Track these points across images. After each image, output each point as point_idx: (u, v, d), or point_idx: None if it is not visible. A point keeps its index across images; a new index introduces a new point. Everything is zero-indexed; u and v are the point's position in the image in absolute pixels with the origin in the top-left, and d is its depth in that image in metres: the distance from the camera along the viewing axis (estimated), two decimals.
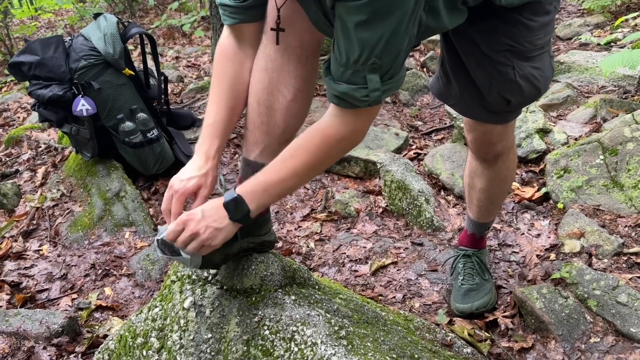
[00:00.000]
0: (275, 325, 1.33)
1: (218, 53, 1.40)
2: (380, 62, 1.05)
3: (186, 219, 1.22)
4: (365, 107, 1.12)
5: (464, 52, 1.41)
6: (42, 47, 2.46)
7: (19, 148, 3.58)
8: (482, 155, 1.68)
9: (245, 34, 1.36)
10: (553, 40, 4.69)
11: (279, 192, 1.30)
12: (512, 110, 1.52)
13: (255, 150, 1.42)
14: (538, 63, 1.40)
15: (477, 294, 1.84)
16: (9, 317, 1.95)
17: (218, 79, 1.39)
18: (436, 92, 1.61)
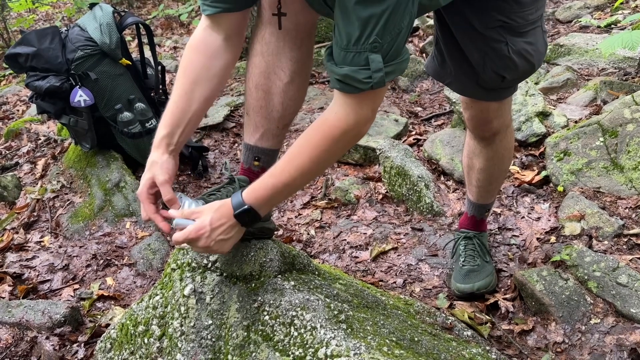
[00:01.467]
0: (275, 310, 1.34)
1: (188, 44, 1.35)
2: (382, 41, 1.04)
3: (195, 236, 1.20)
4: (368, 89, 1.09)
5: (457, 30, 1.41)
6: (39, 38, 2.44)
7: (18, 141, 3.58)
8: (480, 133, 1.69)
9: (224, 25, 1.32)
10: (553, 23, 4.66)
11: (288, 192, 1.31)
12: (506, 87, 1.52)
13: (255, 134, 1.42)
14: (531, 38, 1.40)
15: (478, 274, 1.85)
16: (12, 308, 1.95)
17: (182, 70, 1.34)
18: (432, 72, 1.61)
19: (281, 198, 1.30)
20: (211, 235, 1.21)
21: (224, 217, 1.21)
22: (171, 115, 1.31)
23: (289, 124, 1.47)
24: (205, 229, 1.20)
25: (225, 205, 1.22)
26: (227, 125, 3.36)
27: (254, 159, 1.45)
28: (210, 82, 1.33)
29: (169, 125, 1.30)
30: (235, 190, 1.42)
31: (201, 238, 1.21)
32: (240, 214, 1.21)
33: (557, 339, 1.64)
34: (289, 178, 1.20)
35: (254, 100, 1.39)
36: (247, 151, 1.45)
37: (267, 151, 1.45)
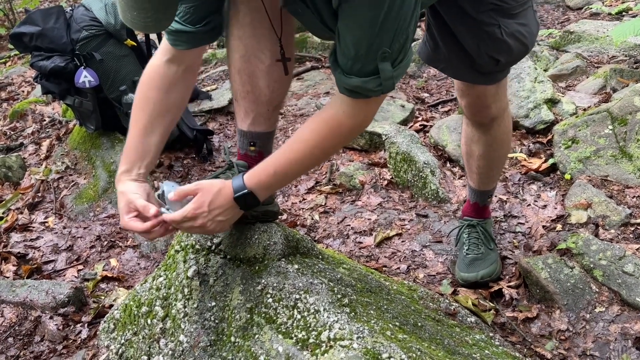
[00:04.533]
0: (279, 293, 1.33)
1: (143, 80, 1.34)
2: (391, 50, 1.03)
3: (192, 215, 1.20)
4: (378, 95, 1.11)
5: (448, 16, 1.39)
6: (43, 18, 2.43)
7: (23, 122, 3.58)
8: (478, 119, 1.67)
9: (187, 58, 1.31)
10: (563, 10, 4.60)
11: (288, 180, 1.33)
12: (501, 70, 1.51)
13: (247, 120, 1.41)
14: (523, 19, 1.39)
15: (482, 263, 1.84)
16: (16, 288, 1.96)
17: (139, 105, 1.33)
18: (424, 57, 1.58)
19: (281, 184, 1.31)
20: (208, 216, 1.20)
21: (224, 199, 1.21)
22: (130, 150, 1.32)
23: (280, 105, 1.46)
24: (203, 208, 1.19)
25: (226, 187, 1.21)
26: (232, 108, 3.34)
27: (250, 144, 1.44)
28: (168, 114, 1.34)
29: (127, 162, 1.31)
30: (234, 175, 1.42)
31: (198, 217, 1.20)
32: (240, 197, 1.21)
33: (561, 327, 1.63)
34: (290, 166, 1.21)
35: (239, 85, 1.38)
36: (242, 137, 1.45)
37: (261, 135, 1.44)
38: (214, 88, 3.66)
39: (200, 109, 3.31)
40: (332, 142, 1.19)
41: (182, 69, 1.31)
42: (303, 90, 3.74)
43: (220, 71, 3.91)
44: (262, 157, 1.46)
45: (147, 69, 1.35)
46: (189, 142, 2.83)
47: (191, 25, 1.25)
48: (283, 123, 3.23)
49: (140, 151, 1.32)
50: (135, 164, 1.31)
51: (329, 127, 1.17)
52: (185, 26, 1.25)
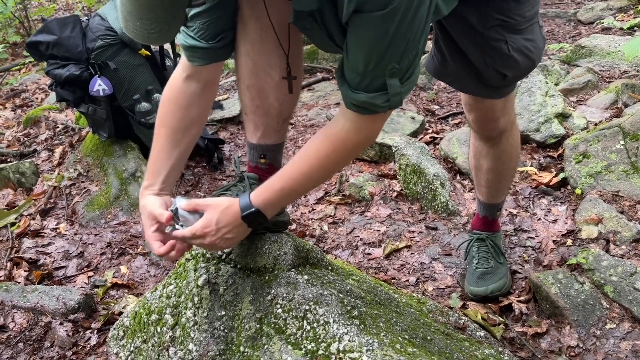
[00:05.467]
0: (288, 303, 1.34)
1: (165, 97, 1.36)
2: (400, 66, 1.03)
3: (202, 232, 1.22)
4: (385, 111, 1.11)
5: (455, 32, 1.39)
6: (60, 27, 2.46)
7: (37, 128, 3.62)
8: (486, 133, 1.67)
9: (204, 74, 1.34)
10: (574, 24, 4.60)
11: (295, 196, 1.36)
12: (508, 84, 1.51)
13: (257, 133, 1.43)
14: (529, 34, 1.39)
15: (492, 277, 1.83)
16: (27, 293, 1.98)
17: (161, 122, 1.36)
18: (432, 70, 1.58)
19: (289, 201, 1.32)
20: (217, 234, 1.22)
21: (231, 218, 1.22)
22: (152, 166, 1.36)
23: (289, 117, 1.48)
24: (211, 227, 1.21)
25: (233, 206, 1.23)
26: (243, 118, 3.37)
27: (260, 156, 1.46)
28: (188, 130, 1.37)
29: (150, 177, 1.35)
30: (245, 188, 1.44)
31: (207, 236, 1.22)
32: (247, 216, 1.22)
33: (571, 343, 1.62)
34: (296, 183, 1.22)
35: (249, 100, 1.39)
36: (252, 150, 1.47)
37: (271, 147, 1.46)
38: (225, 97, 3.69)
39: (212, 118, 3.34)
40: (338, 157, 1.20)
41: (200, 85, 1.33)
42: (313, 101, 3.76)
43: (232, 81, 3.93)
44: (272, 168, 1.49)
45: (167, 86, 1.37)
46: (200, 150, 2.86)
47: (205, 41, 1.27)
48: (293, 133, 3.24)
49: (162, 166, 1.35)
50: (157, 179, 1.34)
51: (335, 142, 1.17)
52: (200, 42, 1.27)
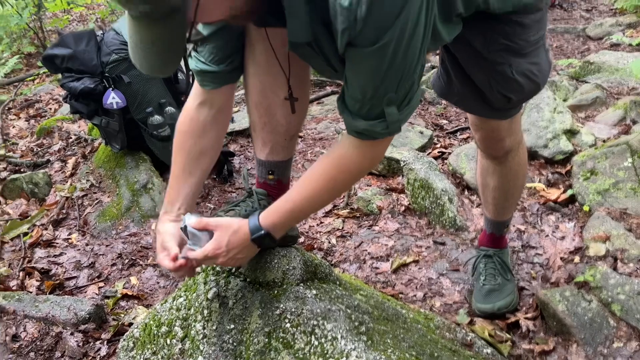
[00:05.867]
0: (297, 318, 1.35)
1: (182, 122, 1.40)
2: (397, 95, 1.05)
3: (213, 255, 1.25)
4: (385, 137, 1.14)
5: (460, 54, 1.40)
6: (75, 41, 2.52)
7: (50, 138, 3.67)
8: (492, 153, 1.68)
9: (217, 101, 1.37)
10: (583, 39, 4.62)
11: (302, 217, 1.45)
12: (513, 107, 1.51)
13: (265, 149, 1.46)
14: (535, 58, 1.39)
15: (499, 294, 1.84)
16: (39, 303, 2.00)
17: (177, 150, 1.40)
18: (438, 91, 1.60)
19: (296, 222, 1.37)
20: (227, 255, 1.26)
21: (241, 240, 1.26)
22: (169, 192, 1.40)
23: (296, 134, 1.51)
24: (222, 249, 1.25)
25: (243, 228, 1.26)
26: None
27: (268, 172, 1.49)
28: (203, 157, 1.40)
29: (167, 204, 1.40)
30: (253, 204, 1.47)
31: (218, 257, 1.26)
32: (256, 238, 1.25)
33: None
34: (303, 206, 1.25)
35: (257, 118, 1.42)
36: (260, 166, 1.50)
37: (279, 163, 1.49)
38: (235, 110, 3.74)
39: None
40: (342, 180, 1.23)
41: (213, 111, 1.37)
42: (323, 114, 3.80)
43: (242, 94, 3.98)
44: (281, 184, 1.52)
45: (181, 114, 1.41)
46: None
47: (215, 65, 1.30)
48: (302, 146, 3.27)
49: (179, 194, 1.39)
50: (174, 205, 1.38)
51: (339, 166, 1.20)
52: (209, 66, 1.30)
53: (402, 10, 0.92)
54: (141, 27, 0.93)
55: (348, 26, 0.93)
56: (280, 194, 1.54)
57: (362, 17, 0.91)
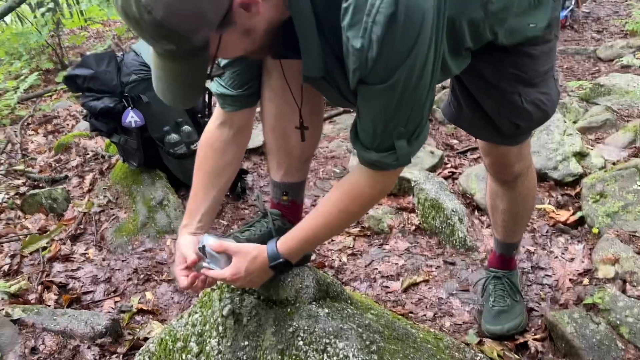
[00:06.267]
0: (309, 336, 1.39)
1: (201, 142, 1.47)
2: (406, 129, 1.10)
3: (231, 279, 1.32)
4: (396, 168, 1.19)
5: (469, 83, 1.44)
6: (97, 62, 2.60)
7: (67, 154, 3.76)
8: (502, 177, 1.71)
9: (237, 121, 1.43)
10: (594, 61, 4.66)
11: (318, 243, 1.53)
12: (522, 133, 1.55)
13: (279, 172, 1.53)
14: (544, 88, 1.43)
15: (508, 315, 1.86)
16: (57, 317, 2.05)
17: (198, 167, 1.46)
18: (448, 116, 1.64)
19: (312, 248, 1.42)
20: (245, 279, 1.32)
21: (259, 266, 1.31)
22: (189, 207, 1.46)
23: (310, 157, 1.57)
24: (240, 274, 1.30)
25: (261, 255, 1.31)
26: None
27: (282, 194, 1.55)
28: (223, 174, 1.47)
29: (187, 217, 1.46)
30: (268, 224, 1.53)
31: (237, 281, 1.33)
32: (276, 265, 1.31)
33: None
34: (318, 233, 1.31)
35: (273, 141, 1.49)
36: (275, 188, 1.56)
37: (293, 185, 1.55)
38: None
39: None
40: (354, 209, 1.28)
41: (233, 131, 1.43)
42: (335, 133, 3.85)
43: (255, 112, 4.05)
44: (295, 205, 1.58)
45: (204, 133, 1.47)
46: None
47: (234, 90, 1.37)
48: (314, 165, 3.33)
49: (198, 208, 1.44)
50: (193, 220, 1.44)
51: (351, 196, 1.25)
52: (230, 90, 1.37)
53: (411, 51, 0.97)
54: (165, 63, 0.99)
55: (359, 66, 0.98)
56: (294, 214, 1.60)
57: (373, 58, 0.95)
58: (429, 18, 0.96)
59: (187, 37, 0.92)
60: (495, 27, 1.21)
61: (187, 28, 0.91)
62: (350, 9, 0.94)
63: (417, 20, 0.94)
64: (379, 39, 0.93)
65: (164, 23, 0.89)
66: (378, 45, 0.94)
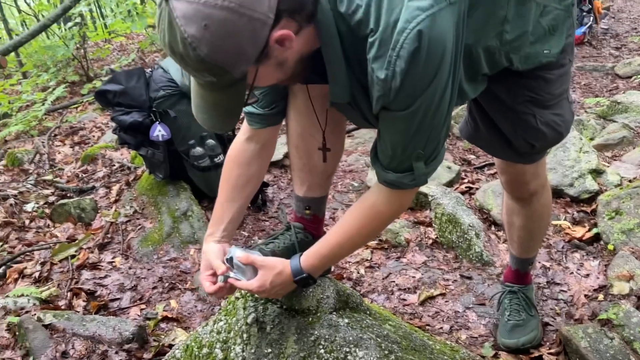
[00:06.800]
0: (330, 345, 1.45)
1: (228, 155, 1.56)
2: (424, 152, 1.17)
3: (256, 291, 1.40)
4: (412, 188, 1.26)
5: (486, 105, 1.50)
6: (126, 78, 2.72)
7: (94, 165, 3.88)
8: (518, 195, 1.76)
9: (262, 137, 1.52)
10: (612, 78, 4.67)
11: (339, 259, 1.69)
12: (538, 152, 1.60)
13: (303, 187, 1.62)
14: (558, 110, 1.48)
15: (523, 329, 1.90)
16: (86, 322, 2.14)
17: (225, 178, 1.55)
18: (465, 136, 1.70)
19: (333, 263, 1.51)
20: (270, 291, 1.40)
21: (283, 281, 1.39)
22: (215, 216, 1.54)
23: (332, 174, 1.67)
24: (265, 287, 1.38)
25: (285, 270, 1.38)
26: (286, 162, 3.54)
27: (305, 208, 1.64)
28: (247, 185, 1.55)
29: (212, 226, 1.53)
30: (291, 237, 1.62)
31: (261, 293, 1.41)
32: (299, 280, 1.39)
33: None
34: (338, 250, 1.39)
35: (297, 159, 1.59)
36: (298, 202, 1.65)
37: (316, 199, 1.64)
38: None
39: None
40: (372, 227, 1.35)
41: (258, 146, 1.52)
42: (353, 147, 3.92)
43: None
44: (317, 218, 1.66)
45: (231, 147, 1.56)
46: None
47: (262, 109, 1.46)
48: (333, 178, 3.39)
49: (223, 217, 1.52)
50: (218, 228, 1.51)
51: (369, 214, 1.33)
52: (257, 109, 1.46)
53: (431, 83, 1.04)
54: (206, 92, 1.08)
55: (383, 94, 1.06)
56: (316, 227, 1.68)
57: (396, 88, 1.03)
58: (449, 53, 1.03)
59: (227, 71, 1.00)
60: (510, 54, 1.27)
61: (228, 63, 0.99)
62: (377, 43, 1.02)
63: (438, 55, 1.01)
64: (402, 71, 1.01)
65: (207, 59, 0.97)
66: (401, 77, 1.01)
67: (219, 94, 1.07)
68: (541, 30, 1.29)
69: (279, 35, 1.00)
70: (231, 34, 0.95)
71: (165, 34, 0.98)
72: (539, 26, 1.28)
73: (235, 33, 0.95)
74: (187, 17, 0.93)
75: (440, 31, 1.00)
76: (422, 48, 0.99)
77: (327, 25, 1.07)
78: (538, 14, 1.26)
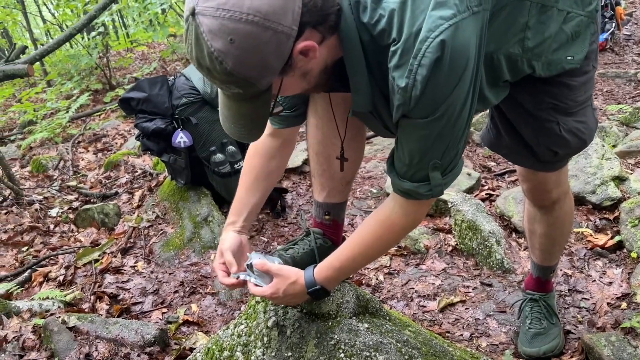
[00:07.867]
0: (350, 349, 1.46)
1: (253, 148, 1.58)
2: (441, 162, 1.17)
3: (269, 297, 1.42)
4: (428, 199, 1.25)
5: (509, 111, 1.49)
6: (149, 85, 2.77)
7: (117, 171, 3.95)
8: (540, 202, 1.74)
9: (284, 135, 1.54)
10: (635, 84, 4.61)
11: (354, 271, 1.59)
12: (560, 160, 1.58)
13: (322, 193, 1.64)
14: (581, 117, 1.46)
15: (544, 338, 1.88)
16: (109, 325, 2.18)
17: (246, 170, 1.58)
18: (487, 143, 1.69)
19: (347, 275, 1.50)
20: (283, 299, 1.42)
21: (296, 291, 1.40)
22: (236, 206, 1.57)
23: (352, 180, 1.68)
24: (279, 294, 1.39)
25: (299, 281, 1.39)
26: (305, 168, 3.57)
27: (325, 213, 1.66)
28: (267, 178, 1.58)
29: (234, 215, 1.56)
30: (310, 242, 1.63)
31: (275, 299, 1.44)
32: (313, 292, 1.40)
33: None
34: (353, 262, 1.39)
35: (317, 165, 1.61)
36: (318, 207, 1.67)
37: (335, 205, 1.66)
38: None
39: None
40: (387, 239, 1.36)
41: (280, 142, 1.55)
42: (371, 154, 3.93)
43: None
44: (336, 224, 1.68)
45: (253, 142, 1.58)
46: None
47: (284, 110, 1.49)
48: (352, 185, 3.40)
49: (244, 207, 1.55)
50: (240, 217, 1.54)
51: (384, 226, 1.33)
52: None
53: (452, 92, 1.04)
54: (232, 103, 1.11)
55: (403, 103, 1.06)
56: (336, 233, 1.69)
57: (417, 96, 1.04)
58: (471, 62, 1.04)
59: (253, 84, 1.02)
60: (532, 61, 1.26)
61: (254, 76, 1.01)
62: (399, 52, 1.03)
63: (460, 64, 1.02)
64: (424, 79, 1.01)
65: (233, 72, 0.99)
66: (422, 85, 1.02)
67: (245, 105, 1.09)
68: (564, 37, 1.28)
69: (302, 47, 1.02)
70: (256, 47, 0.97)
71: (192, 48, 1.00)
72: (562, 32, 1.27)
73: (260, 46, 0.97)
74: (213, 32, 0.95)
75: (462, 41, 1.01)
76: (444, 57, 0.99)
77: (350, 35, 1.08)
78: (561, 20, 1.26)
